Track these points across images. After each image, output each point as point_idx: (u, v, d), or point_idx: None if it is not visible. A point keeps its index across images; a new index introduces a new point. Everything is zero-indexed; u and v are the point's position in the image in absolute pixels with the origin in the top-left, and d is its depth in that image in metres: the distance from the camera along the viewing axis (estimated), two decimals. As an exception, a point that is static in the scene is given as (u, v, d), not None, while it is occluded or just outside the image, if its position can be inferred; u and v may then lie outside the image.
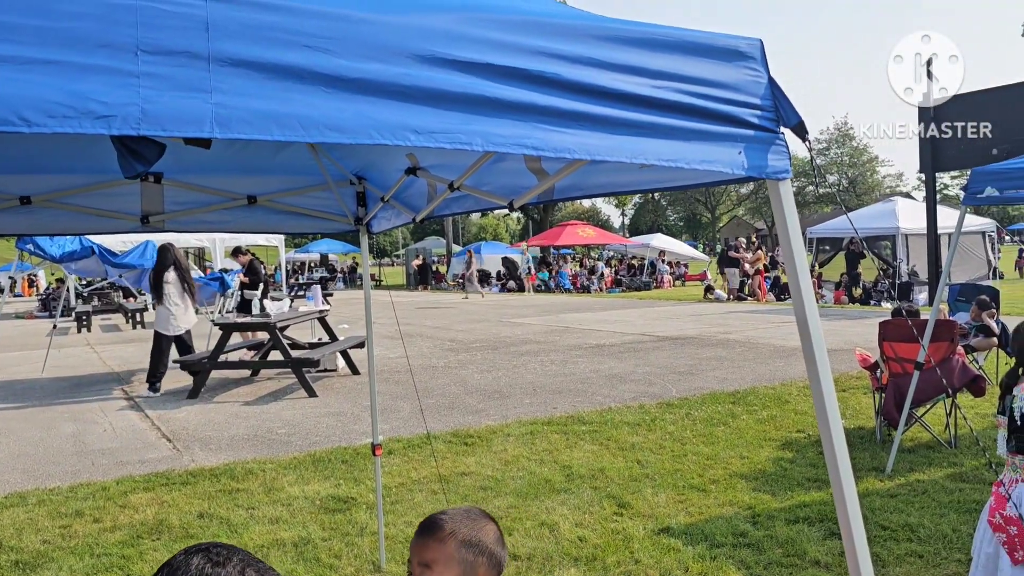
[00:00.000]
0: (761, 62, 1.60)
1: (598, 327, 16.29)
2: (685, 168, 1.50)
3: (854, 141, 72.38)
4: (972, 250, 20.02)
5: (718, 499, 5.33)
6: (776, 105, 1.61)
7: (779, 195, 1.61)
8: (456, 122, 1.32)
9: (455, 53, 1.34)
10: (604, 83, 1.45)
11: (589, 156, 1.43)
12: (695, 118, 1.53)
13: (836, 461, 1.71)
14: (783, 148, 1.62)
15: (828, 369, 1.79)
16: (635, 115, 1.47)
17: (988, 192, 5.18)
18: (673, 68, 1.52)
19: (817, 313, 1.62)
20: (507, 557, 1.83)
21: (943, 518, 4.80)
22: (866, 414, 7.34)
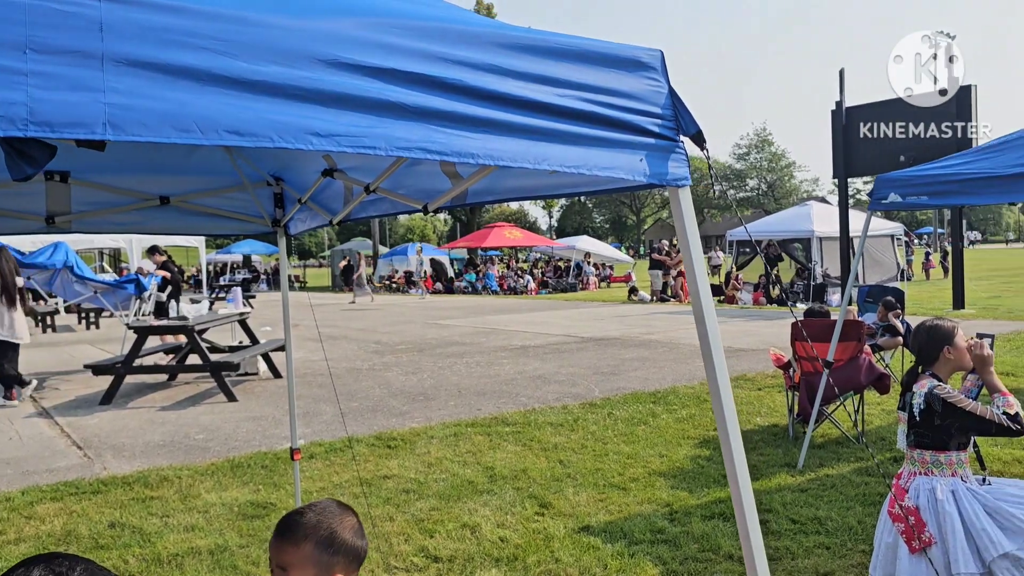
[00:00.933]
0: (662, 72, 1.65)
1: (524, 328, 16.39)
2: (587, 174, 1.54)
3: (772, 147, 74.58)
4: (882, 253, 20.87)
5: (637, 497, 5.43)
6: (676, 114, 1.66)
7: (679, 201, 1.67)
8: (359, 126, 1.33)
9: (358, 57, 1.35)
10: (508, 90, 1.48)
11: (493, 161, 1.45)
12: (597, 126, 1.57)
13: (732, 456, 1.77)
14: (682, 156, 1.68)
15: (724, 368, 1.85)
16: (539, 122, 1.50)
17: (892, 198, 5.42)
18: (576, 77, 1.56)
19: (714, 315, 1.68)
20: (367, 545, 1.86)
21: (849, 511, 5.00)
22: (780, 412, 7.58)
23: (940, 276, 29.23)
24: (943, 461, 3.58)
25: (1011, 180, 4.64)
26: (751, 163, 76.63)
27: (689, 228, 1.66)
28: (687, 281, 1.70)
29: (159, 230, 4.21)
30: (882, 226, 21.78)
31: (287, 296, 4.43)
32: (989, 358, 3.71)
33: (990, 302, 18.26)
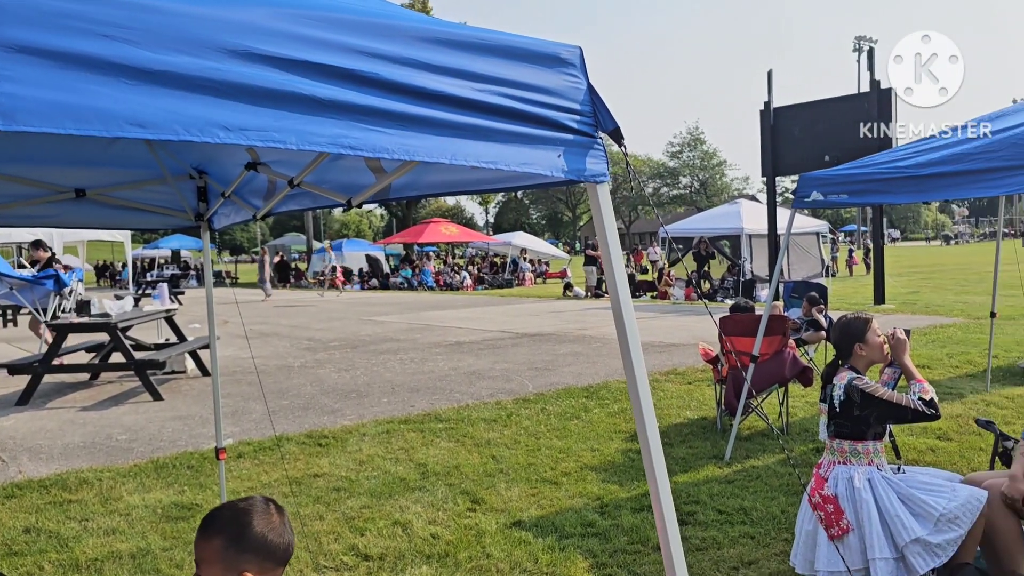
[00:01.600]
0: (580, 68, 1.66)
1: (459, 325, 16.36)
2: (506, 170, 1.54)
3: (704, 145, 75.96)
4: (808, 250, 21.47)
5: (569, 491, 5.47)
6: (595, 111, 1.67)
7: (597, 197, 1.68)
8: (270, 119, 1.30)
9: (269, 49, 1.32)
10: (425, 84, 1.47)
11: (409, 157, 1.44)
12: (516, 121, 1.57)
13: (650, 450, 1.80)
14: (601, 152, 1.69)
15: (642, 361, 1.88)
16: (456, 117, 1.49)
17: (814, 196, 5.57)
18: (495, 72, 1.56)
19: (632, 310, 1.70)
20: (291, 544, 1.83)
21: (773, 500, 5.13)
22: (709, 405, 7.74)
23: (863, 272, 30.21)
24: (860, 450, 3.70)
25: (925, 180, 4.82)
26: (684, 161, 77.85)
27: (607, 224, 1.67)
28: (605, 276, 1.71)
29: (77, 223, 4.06)
30: (808, 224, 22.40)
31: (211, 292, 4.33)
32: (905, 343, 3.86)
33: (909, 297, 18.97)
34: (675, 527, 1.87)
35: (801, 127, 17.29)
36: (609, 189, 1.70)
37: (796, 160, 17.45)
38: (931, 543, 3.42)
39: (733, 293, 19.74)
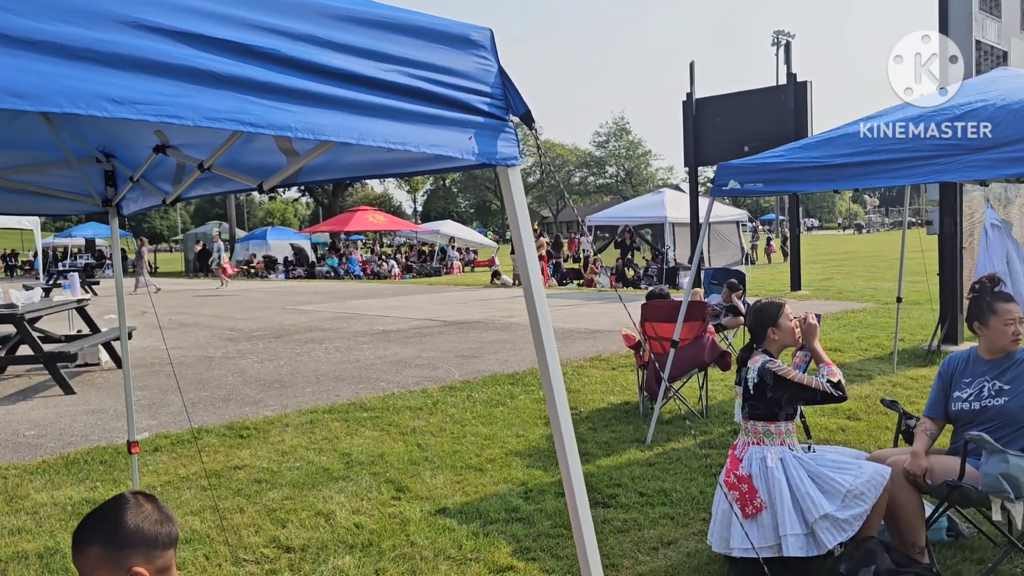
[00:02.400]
0: (491, 51, 1.65)
1: (386, 313, 16.22)
2: (415, 151, 1.53)
3: (630, 135, 76.90)
4: (728, 238, 22.00)
5: (494, 477, 5.49)
6: (505, 94, 1.67)
7: (508, 181, 1.68)
8: (164, 94, 1.25)
9: (164, 21, 1.26)
10: (330, 62, 1.44)
11: (313, 135, 1.41)
12: (425, 102, 1.55)
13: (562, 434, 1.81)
14: (512, 136, 1.69)
15: (554, 347, 1.89)
16: (363, 96, 1.47)
17: (731, 185, 5.70)
18: (403, 51, 1.53)
19: (544, 296, 1.70)
20: (174, 527, 1.80)
21: (692, 482, 5.25)
22: (632, 390, 7.86)
23: (780, 260, 31.12)
24: (773, 431, 3.82)
25: (835, 169, 4.98)
26: (610, 151, 78.82)
27: (519, 208, 1.67)
28: (517, 261, 1.71)
29: (-26, 209, 3.86)
30: (729, 213, 22.94)
31: (121, 280, 4.17)
32: (815, 328, 4.00)
33: (823, 283, 19.63)
34: (587, 512, 1.90)
35: (722, 118, 17.66)
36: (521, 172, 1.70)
37: (717, 150, 17.82)
38: (839, 518, 3.56)
39: (656, 281, 20.09)
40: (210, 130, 1.70)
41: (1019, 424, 3.66)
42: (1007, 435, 3.64)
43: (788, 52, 20.60)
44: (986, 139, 4.29)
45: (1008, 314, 3.75)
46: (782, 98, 16.64)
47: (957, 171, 4.42)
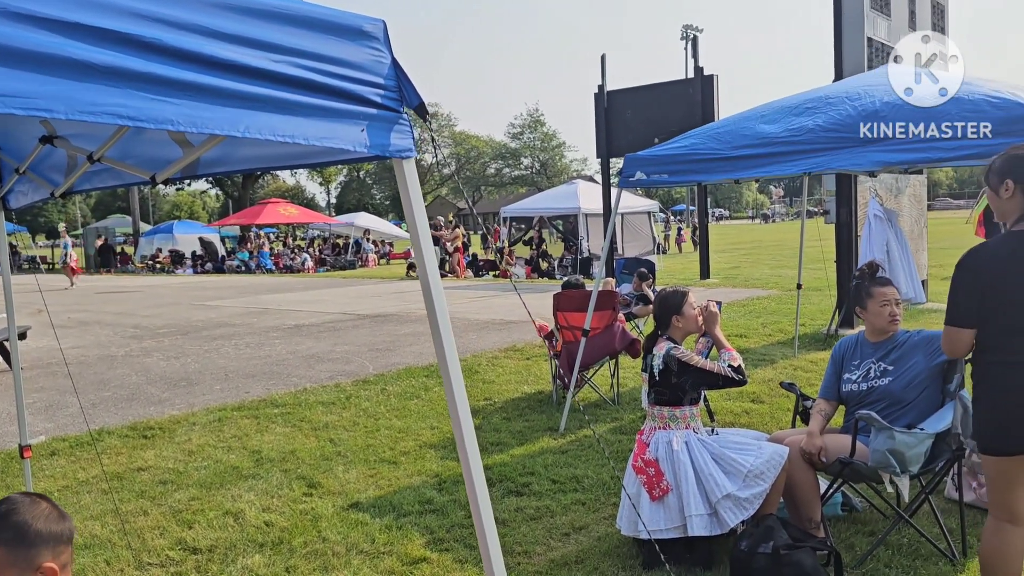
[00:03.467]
0: (384, 42, 1.64)
1: (298, 307, 15.93)
2: (304, 144, 1.51)
3: (544, 127, 77.44)
4: (640, 228, 22.43)
5: (408, 470, 5.48)
6: (399, 85, 1.67)
7: (403, 173, 1.68)
8: (33, 86, 1.20)
9: (35, 8, 1.21)
10: (214, 52, 1.40)
11: (196, 128, 1.38)
12: (315, 94, 1.54)
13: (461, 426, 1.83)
14: (406, 128, 1.69)
15: (451, 336, 1.90)
16: (249, 88, 1.44)
17: (638, 175, 5.83)
18: (292, 42, 1.51)
19: (440, 287, 1.71)
20: (71, 524, 1.77)
21: (604, 468, 5.36)
22: (546, 379, 7.96)
23: (691, 249, 31.92)
24: (678, 415, 3.94)
25: (736, 161, 5.15)
26: (525, 142, 79.21)
27: (415, 200, 1.68)
28: (413, 252, 1.72)
29: None
30: (641, 203, 23.39)
31: (8, 276, 3.97)
32: (716, 316, 4.14)
33: (731, 272, 20.24)
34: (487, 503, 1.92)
35: (633, 110, 17.94)
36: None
37: (628, 142, 18.09)
38: (740, 497, 3.70)
39: (571, 271, 20.34)
40: (55, 119, 1.62)
41: (904, 402, 3.87)
42: (893, 413, 3.85)
43: (695, 46, 21.10)
44: (871, 132, 4.51)
45: (883, 296, 3.97)
46: (689, 91, 17.03)
47: (843, 161, 4.64)
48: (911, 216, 11.03)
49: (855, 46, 9.29)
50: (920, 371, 3.87)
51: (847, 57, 9.36)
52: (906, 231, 9.88)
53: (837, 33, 9.53)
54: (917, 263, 10.15)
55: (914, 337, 3.98)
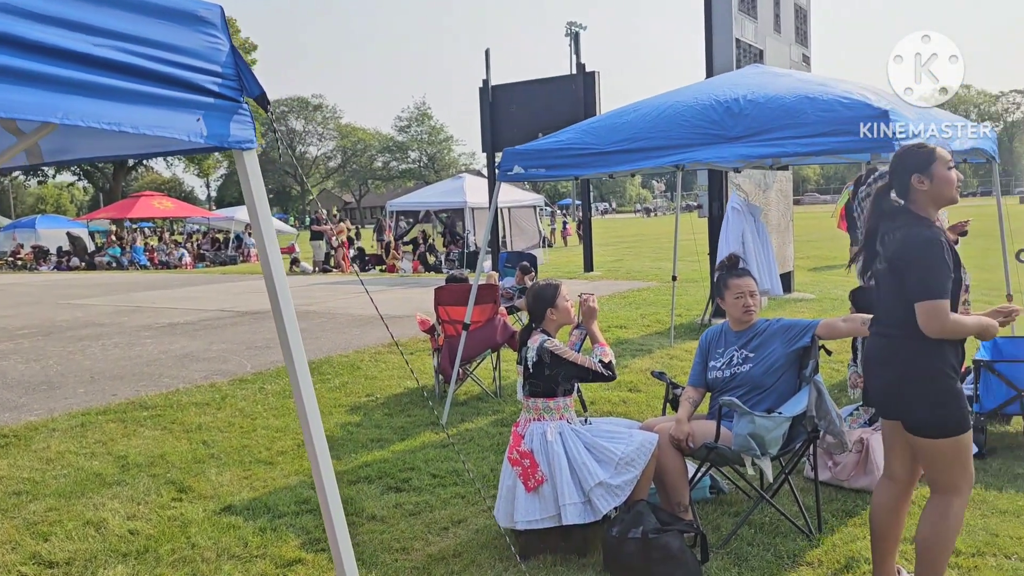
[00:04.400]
0: (222, 29, 1.58)
1: (173, 305, 15.27)
2: (133, 133, 1.43)
3: (432, 120, 77.10)
4: (526, 222, 22.65)
5: (285, 470, 5.35)
6: (238, 74, 1.60)
7: (244, 165, 1.62)
8: None
9: None
10: (29, 34, 1.31)
11: (6, 113, 1.28)
12: (144, 81, 1.46)
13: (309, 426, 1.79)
14: (247, 118, 1.63)
15: (298, 337, 1.86)
16: (67, 72, 1.35)
17: (516, 170, 5.87)
18: (118, 26, 1.43)
19: (286, 283, 1.67)
20: None
21: (484, 460, 5.39)
22: (429, 374, 7.92)
23: (576, 242, 32.48)
24: (552, 407, 4.00)
25: (609, 155, 5.27)
26: (412, 136, 78.65)
27: (256, 193, 1.62)
28: (257, 249, 1.66)
29: None
30: (526, 197, 23.62)
31: None
32: (594, 311, 4.22)
33: (614, 264, 20.72)
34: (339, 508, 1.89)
35: (518, 105, 18.08)
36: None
37: (513, 136, 18.22)
38: (612, 485, 3.79)
39: (458, 265, 20.34)
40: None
41: (764, 388, 4.06)
42: (754, 398, 4.04)
43: (577, 42, 21.45)
44: (734, 128, 4.71)
45: (738, 288, 4.17)
46: (572, 87, 17.31)
47: (710, 155, 4.82)
48: (778, 210, 11.58)
49: (724, 46, 9.67)
50: (779, 357, 4.07)
51: (717, 56, 9.74)
52: (774, 225, 10.37)
53: (708, 33, 9.90)
54: (783, 256, 10.68)
55: (773, 325, 4.18)
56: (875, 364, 3.20)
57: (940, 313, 2.90)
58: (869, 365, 3.25)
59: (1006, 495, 4.41)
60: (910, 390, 3.05)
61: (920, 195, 3.11)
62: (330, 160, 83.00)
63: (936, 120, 5.20)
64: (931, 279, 2.92)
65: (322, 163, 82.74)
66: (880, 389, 3.18)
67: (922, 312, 2.92)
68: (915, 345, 3.00)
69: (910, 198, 3.13)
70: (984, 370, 5.09)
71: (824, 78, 5.46)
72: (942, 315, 2.90)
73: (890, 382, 3.12)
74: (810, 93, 4.74)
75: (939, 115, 5.71)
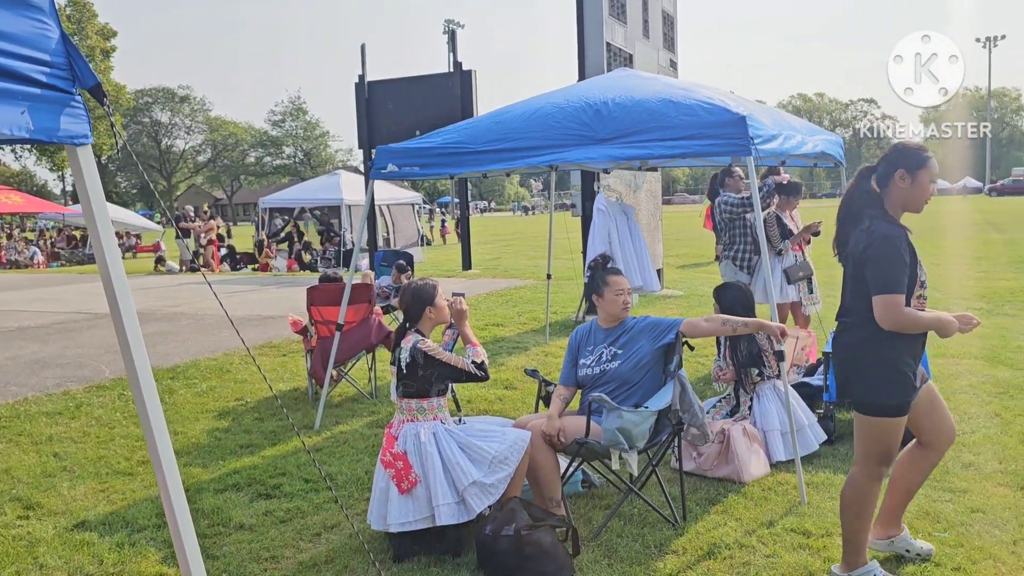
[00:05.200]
0: (51, 15, 1.47)
1: (23, 307, 14.24)
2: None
3: (307, 115, 75.33)
4: (404, 220, 22.44)
5: (145, 481, 5.09)
6: (70, 63, 1.50)
7: (78, 162, 1.52)
8: None
9: None
10: None
11: None
12: (-42, 68, 1.34)
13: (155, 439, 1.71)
14: (80, 111, 1.52)
15: (141, 345, 1.77)
16: None
17: (390, 168, 5.80)
18: (-72, 8, 1.31)
19: (125, 283, 1.58)
20: None
21: (359, 463, 5.30)
22: (302, 376, 7.72)
23: (455, 240, 32.48)
24: (426, 407, 3.97)
25: (483, 154, 5.28)
26: (287, 130, 76.55)
27: (92, 191, 1.52)
28: (94, 249, 1.56)
29: None
30: (404, 195, 23.40)
31: None
32: (465, 312, 4.22)
33: (492, 263, 20.85)
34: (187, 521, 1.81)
35: (395, 102, 17.87)
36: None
37: (390, 133, 18.01)
38: (485, 483, 3.81)
39: (334, 264, 19.95)
40: None
41: (631, 383, 4.18)
42: (622, 393, 4.15)
43: (455, 40, 21.43)
44: (603, 130, 4.82)
45: (617, 286, 4.29)
46: (449, 85, 17.27)
47: (580, 155, 4.92)
48: (648, 210, 11.96)
49: (596, 49, 9.89)
50: (645, 354, 4.20)
51: (589, 59, 9.95)
52: (644, 224, 10.70)
53: (580, 37, 10.10)
54: (653, 253, 11.04)
55: (640, 323, 4.31)
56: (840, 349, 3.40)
57: (894, 306, 3.08)
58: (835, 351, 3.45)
59: (853, 478, 4.71)
60: (856, 372, 3.26)
61: (897, 191, 3.28)
62: (199, 154, 79.67)
63: (790, 127, 5.49)
64: (887, 274, 3.10)
65: (190, 157, 79.30)
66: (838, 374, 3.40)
67: (878, 305, 3.11)
68: (870, 333, 3.19)
69: (887, 190, 3.31)
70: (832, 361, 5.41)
71: (688, 83, 5.67)
72: (896, 308, 3.09)
73: (843, 366, 3.34)
74: (674, 98, 4.90)
75: (793, 121, 6.05)
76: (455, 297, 4.24)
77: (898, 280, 3.10)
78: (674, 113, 4.74)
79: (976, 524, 4.04)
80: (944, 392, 6.31)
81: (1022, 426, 5.44)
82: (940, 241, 22.43)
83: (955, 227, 29.16)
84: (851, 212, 3.35)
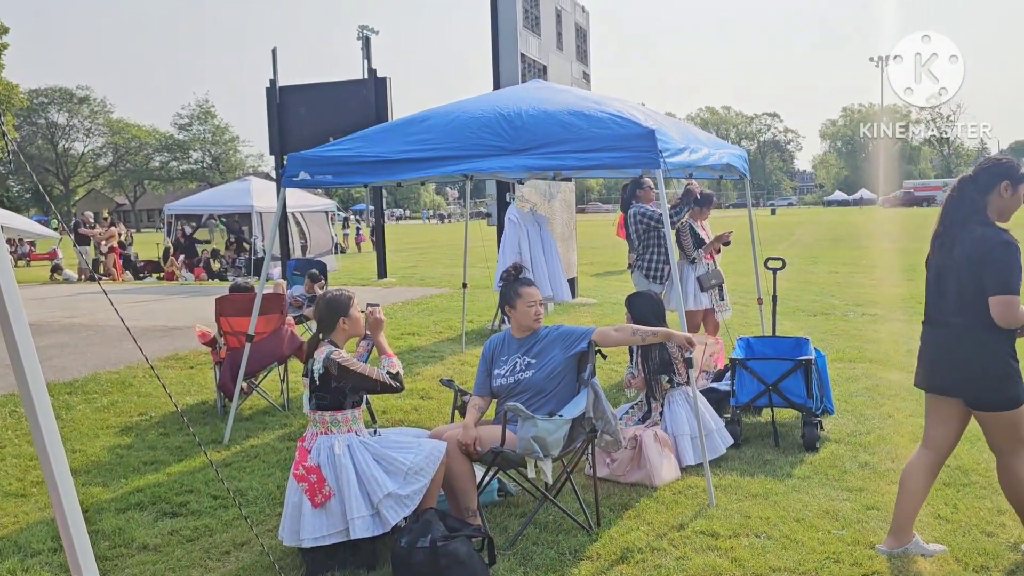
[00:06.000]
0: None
1: (-95, 320, 13.36)
2: None
3: (216, 119, 73.37)
4: (318, 228, 22.09)
5: (40, 502, 4.85)
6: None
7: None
8: None
9: None
10: None
11: None
12: None
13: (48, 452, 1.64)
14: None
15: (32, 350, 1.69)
16: None
17: (302, 176, 5.70)
18: None
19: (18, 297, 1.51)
20: None
21: (270, 478, 5.17)
22: (211, 389, 7.50)
23: (371, 248, 32.14)
24: (340, 419, 3.92)
25: (396, 164, 5.25)
26: (194, 134, 74.31)
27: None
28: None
29: None
30: (318, 203, 23.05)
31: None
32: (382, 322, 4.18)
33: (408, 271, 20.71)
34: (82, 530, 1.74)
35: (307, 107, 17.59)
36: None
37: (303, 139, 17.66)
38: (401, 495, 3.78)
39: (245, 272, 19.46)
40: None
41: (546, 392, 4.22)
42: (537, 402, 4.19)
43: (368, 47, 21.25)
44: (516, 141, 4.87)
45: (530, 297, 4.33)
46: (363, 92, 17.11)
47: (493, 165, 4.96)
48: (562, 219, 12.11)
49: (510, 60, 9.99)
50: (559, 363, 4.25)
51: (503, 69, 10.04)
52: (558, 233, 10.83)
53: (495, 47, 10.18)
54: (568, 262, 11.19)
55: (553, 333, 4.37)
56: (936, 348, 3.59)
57: (1014, 306, 3.35)
58: (929, 349, 3.63)
59: (757, 480, 4.88)
60: (974, 370, 3.47)
61: (997, 200, 3.50)
62: (99, 158, 76.46)
63: (697, 140, 5.66)
64: (1009, 276, 3.35)
65: (90, 161, 76.04)
66: (941, 372, 3.58)
67: (998, 304, 3.35)
68: (979, 333, 3.43)
69: (988, 198, 3.51)
70: (739, 367, 5.60)
71: (600, 96, 5.77)
72: (1016, 308, 3.35)
73: (954, 365, 3.52)
74: (586, 110, 4.99)
75: (700, 135, 6.24)
76: (371, 307, 4.20)
77: (1019, 282, 3.37)
78: (586, 125, 4.82)
79: (871, 521, 4.25)
80: (842, 395, 6.62)
81: (913, 427, 5.73)
82: (838, 251, 23.49)
83: (852, 237, 30.58)
84: (957, 219, 3.56)
